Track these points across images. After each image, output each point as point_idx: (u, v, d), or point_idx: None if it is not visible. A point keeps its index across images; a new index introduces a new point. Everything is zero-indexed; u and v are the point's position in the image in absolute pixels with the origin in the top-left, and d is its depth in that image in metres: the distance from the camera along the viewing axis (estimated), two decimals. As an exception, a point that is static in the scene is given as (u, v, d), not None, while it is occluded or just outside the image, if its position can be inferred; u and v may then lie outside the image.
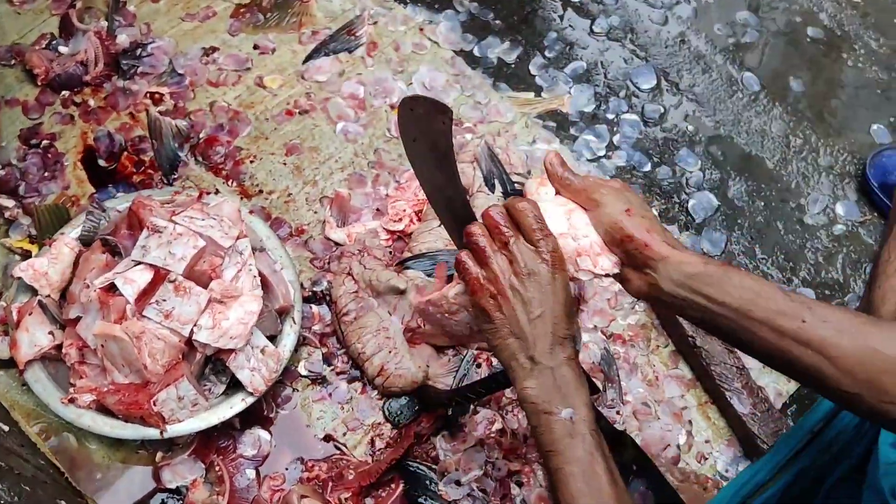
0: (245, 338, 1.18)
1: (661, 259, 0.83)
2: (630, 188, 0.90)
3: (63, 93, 1.56)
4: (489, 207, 0.87)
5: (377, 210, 1.49)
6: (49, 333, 1.21)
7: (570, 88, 1.73)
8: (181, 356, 1.17)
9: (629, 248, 0.85)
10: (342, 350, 1.35)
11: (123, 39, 1.61)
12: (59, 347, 1.20)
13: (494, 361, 1.35)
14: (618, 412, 1.36)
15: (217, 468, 1.22)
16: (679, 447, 1.34)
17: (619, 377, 1.39)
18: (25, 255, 1.36)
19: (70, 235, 1.29)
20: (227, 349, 1.18)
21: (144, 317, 1.14)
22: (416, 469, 1.26)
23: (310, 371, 1.33)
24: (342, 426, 1.30)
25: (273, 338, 1.26)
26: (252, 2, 1.73)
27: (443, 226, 1.06)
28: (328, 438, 1.29)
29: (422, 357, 1.31)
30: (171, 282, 1.15)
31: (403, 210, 1.46)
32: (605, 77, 1.77)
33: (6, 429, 1.21)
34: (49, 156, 1.49)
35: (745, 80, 1.81)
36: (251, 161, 1.54)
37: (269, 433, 1.27)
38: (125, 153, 1.51)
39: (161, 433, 1.17)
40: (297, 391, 1.32)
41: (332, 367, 1.34)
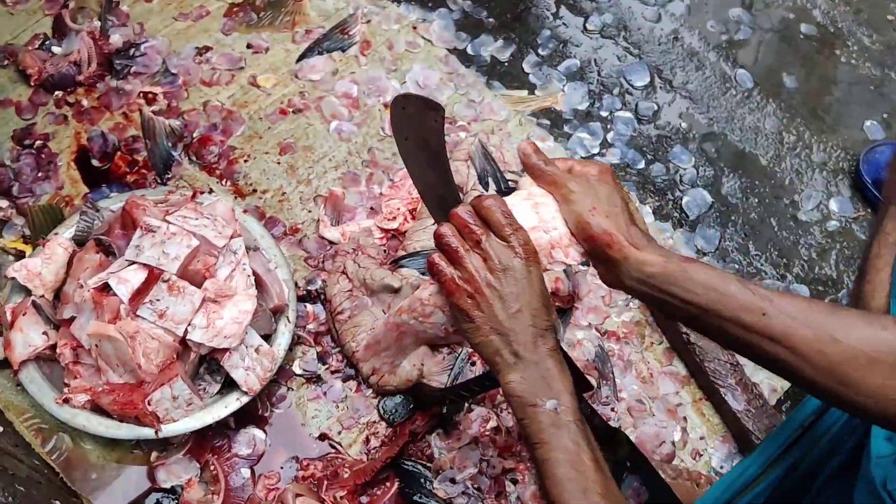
0: (239, 337, 1.18)
1: (623, 259, 0.84)
2: (607, 175, 0.89)
3: (56, 93, 1.56)
4: (456, 208, 0.87)
5: (371, 209, 1.49)
6: (43, 334, 1.21)
7: (564, 86, 1.73)
8: (175, 356, 1.17)
9: (593, 246, 0.86)
10: (337, 349, 1.35)
11: (117, 39, 1.61)
12: (54, 347, 1.20)
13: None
14: (612, 409, 1.36)
15: (212, 467, 1.22)
16: (674, 444, 1.35)
17: (614, 374, 1.39)
18: (19, 256, 1.36)
19: (64, 235, 1.29)
20: (222, 348, 1.18)
21: (138, 316, 1.14)
22: (411, 467, 1.26)
23: (304, 370, 1.33)
24: (337, 425, 1.30)
25: (267, 337, 1.26)
26: (245, 1, 1.73)
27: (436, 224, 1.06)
28: (323, 437, 1.29)
29: (416, 355, 1.31)
30: (165, 281, 1.16)
31: (397, 208, 1.46)
32: (599, 74, 1.78)
33: (1, 429, 1.21)
34: (42, 156, 1.49)
35: (739, 77, 1.81)
36: (245, 160, 1.54)
37: (264, 432, 1.27)
38: (119, 153, 1.51)
39: (156, 433, 1.17)
40: (292, 390, 1.32)
41: (327, 366, 1.34)
